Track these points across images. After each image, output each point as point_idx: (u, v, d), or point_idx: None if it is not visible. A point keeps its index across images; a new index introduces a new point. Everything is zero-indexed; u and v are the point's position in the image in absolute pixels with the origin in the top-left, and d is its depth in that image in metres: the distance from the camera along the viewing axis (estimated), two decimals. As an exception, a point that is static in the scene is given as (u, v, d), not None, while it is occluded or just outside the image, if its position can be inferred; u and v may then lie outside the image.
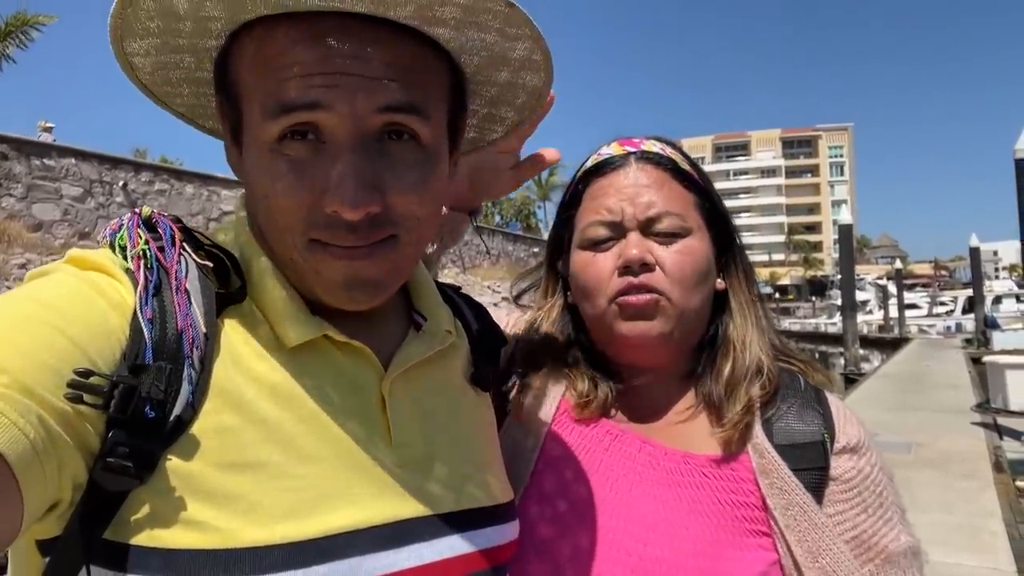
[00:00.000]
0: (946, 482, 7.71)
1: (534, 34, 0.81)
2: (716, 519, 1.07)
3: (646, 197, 1.14)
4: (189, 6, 0.74)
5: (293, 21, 0.75)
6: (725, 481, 1.09)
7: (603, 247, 1.15)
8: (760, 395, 1.13)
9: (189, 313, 0.74)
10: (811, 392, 1.17)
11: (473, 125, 1.02)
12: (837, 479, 1.09)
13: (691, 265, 1.12)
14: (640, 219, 1.13)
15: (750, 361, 1.15)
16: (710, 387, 1.16)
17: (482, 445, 0.98)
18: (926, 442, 9.73)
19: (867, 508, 1.09)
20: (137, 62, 0.84)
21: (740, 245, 1.25)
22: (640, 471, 1.13)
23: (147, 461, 0.68)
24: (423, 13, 0.75)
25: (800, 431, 1.12)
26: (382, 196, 0.76)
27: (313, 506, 0.75)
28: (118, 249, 0.78)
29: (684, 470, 1.11)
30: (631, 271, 1.11)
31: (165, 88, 0.90)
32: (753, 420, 1.12)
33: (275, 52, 0.75)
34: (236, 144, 0.84)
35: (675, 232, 1.13)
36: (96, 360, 0.67)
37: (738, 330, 1.19)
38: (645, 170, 1.17)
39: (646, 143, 1.21)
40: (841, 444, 1.11)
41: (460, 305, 1.09)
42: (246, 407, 0.75)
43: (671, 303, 1.11)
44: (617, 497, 1.11)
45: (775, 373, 1.16)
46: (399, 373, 0.87)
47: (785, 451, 1.09)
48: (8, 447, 0.59)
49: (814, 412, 1.14)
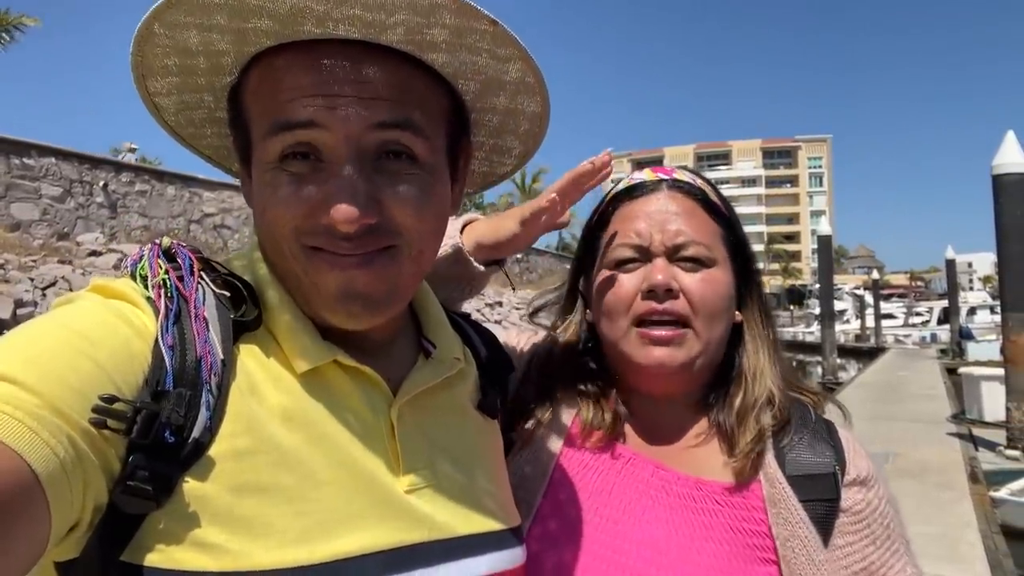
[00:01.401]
0: (924, 492, 7.81)
1: (522, 54, 0.85)
2: (727, 546, 1.08)
3: (675, 224, 1.16)
4: (200, 39, 0.79)
5: (293, 50, 0.79)
6: (737, 509, 1.11)
7: (628, 268, 1.17)
8: (771, 424, 1.15)
9: (207, 340, 0.77)
10: (821, 424, 1.19)
11: (482, 158, 1.06)
12: (847, 511, 1.11)
13: (714, 295, 1.14)
14: (668, 245, 1.15)
15: (760, 392, 1.17)
16: (722, 416, 1.18)
17: (489, 471, 0.99)
18: (903, 452, 9.85)
19: (875, 540, 1.11)
20: (161, 102, 0.89)
21: (759, 279, 1.27)
22: (653, 495, 1.14)
23: (165, 484, 0.70)
24: (413, 37, 0.79)
25: (812, 462, 1.13)
26: (379, 208, 0.80)
27: (323, 530, 0.77)
28: (139, 278, 0.80)
29: (697, 496, 1.12)
30: (655, 296, 1.12)
31: (190, 129, 0.94)
32: (765, 449, 1.13)
33: (276, 78, 0.80)
34: (248, 175, 0.88)
35: (701, 260, 1.15)
36: (120, 385, 0.70)
37: (751, 361, 1.20)
38: (676, 198, 1.19)
39: (679, 172, 1.24)
40: (851, 476, 1.13)
41: (469, 332, 1.11)
42: (260, 432, 0.77)
43: (695, 333, 1.13)
44: (630, 520, 1.11)
45: (786, 404, 1.17)
46: (408, 399, 0.89)
47: (797, 482, 1.11)
48: (40, 465, 0.61)
49: (825, 444, 1.15)
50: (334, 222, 0.77)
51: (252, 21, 0.76)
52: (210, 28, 0.77)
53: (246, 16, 0.75)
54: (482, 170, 1.10)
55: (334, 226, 0.77)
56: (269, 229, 0.83)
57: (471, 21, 0.79)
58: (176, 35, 0.78)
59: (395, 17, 0.76)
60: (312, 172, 0.79)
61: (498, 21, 0.80)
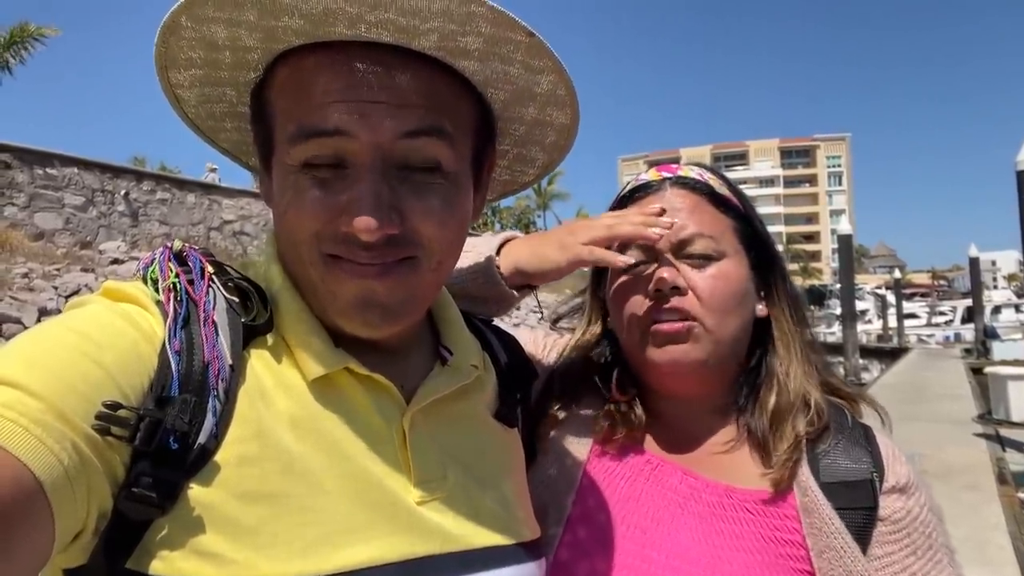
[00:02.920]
0: (950, 494, 7.68)
1: (556, 66, 0.83)
2: (759, 556, 1.04)
3: (678, 220, 1.13)
4: (227, 35, 0.77)
5: (323, 50, 0.77)
6: (769, 518, 1.07)
7: (637, 271, 1.15)
8: (808, 431, 1.10)
9: (216, 345, 0.76)
10: (859, 429, 1.14)
11: (504, 167, 1.04)
12: (885, 520, 1.06)
13: (724, 289, 1.11)
14: (672, 241, 1.12)
15: (795, 395, 1.12)
16: (754, 421, 1.13)
17: (506, 482, 0.97)
18: (929, 454, 9.70)
19: (916, 550, 1.06)
20: (182, 95, 0.87)
21: (782, 269, 1.23)
22: (682, 503, 1.11)
23: (170, 491, 0.69)
24: (446, 43, 0.77)
25: (848, 469, 1.08)
26: (402, 219, 0.78)
27: (330, 541, 0.75)
28: (150, 282, 0.79)
29: (727, 504, 1.09)
30: (662, 295, 1.10)
31: (210, 123, 0.93)
32: (801, 457, 1.09)
33: (304, 79, 0.78)
34: (268, 173, 0.86)
35: (708, 255, 1.12)
36: (126, 389, 0.69)
37: (781, 361, 1.16)
38: (680, 195, 1.16)
39: (684, 169, 1.21)
40: (890, 484, 1.08)
41: (489, 337, 1.09)
42: (268, 439, 0.76)
43: (705, 329, 1.10)
44: (659, 528, 1.09)
45: (824, 408, 1.12)
46: (420, 407, 0.87)
47: (831, 489, 1.06)
48: (44, 472, 0.61)
49: (862, 450, 1.10)
50: (355, 231, 0.76)
51: (283, 19, 0.74)
52: (239, 24, 0.76)
53: (277, 14, 0.74)
54: (503, 178, 1.08)
55: (355, 235, 0.76)
56: (288, 233, 0.81)
57: (507, 32, 0.77)
58: (203, 29, 0.77)
59: (429, 24, 0.74)
60: (336, 178, 0.78)
61: (535, 33, 0.78)
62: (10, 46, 19.00)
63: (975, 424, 12.27)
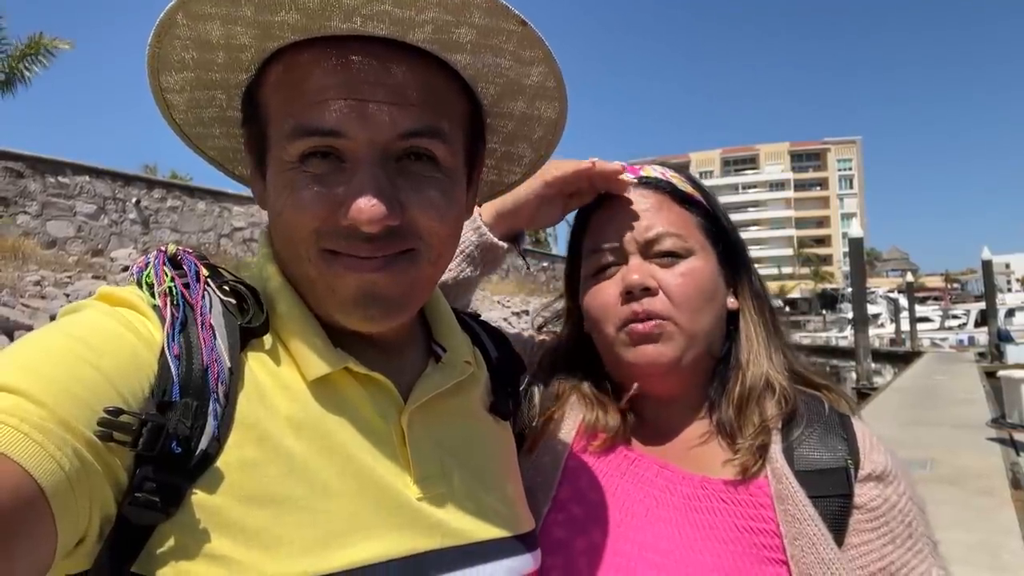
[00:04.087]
0: (964, 499, 7.61)
1: (547, 56, 0.83)
2: (733, 546, 1.05)
3: (645, 220, 1.15)
4: (222, 32, 0.77)
5: (317, 46, 0.77)
6: (743, 507, 1.07)
7: (608, 274, 1.16)
8: (775, 415, 1.11)
9: (214, 348, 0.76)
10: (835, 417, 1.15)
11: (491, 167, 1.04)
12: (861, 507, 1.06)
13: (694, 286, 1.13)
14: (639, 241, 1.14)
15: (756, 378, 1.14)
16: (722, 411, 1.15)
17: (503, 475, 0.98)
18: (942, 458, 9.62)
19: (895, 539, 1.05)
20: (172, 99, 0.87)
21: (748, 263, 1.25)
22: (657, 496, 1.12)
23: (173, 495, 0.69)
24: (440, 36, 0.78)
25: (823, 457, 1.09)
26: (401, 211, 0.78)
27: (334, 540, 0.75)
28: (145, 286, 0.79)
29: (701, 495, 1.10)
30: (633, 296, 1.11)
31: (198, 129, 0.92)
32: (770, 442, 1.10)
33: (299, 75, 0.78)
34: (261, 175, 0.86)
35: (676, 253, 1.14)
36: (126, 394, 0.69)
37: (743, 350, 1.18)
38: (644, 195, 1.18)
39: (646, 169, 1.23)
40: (866, 471, 1.08)
41: (479, 333, 1.10)
42: (269, 441, 0.76)
43: (678, 327, 1.11)
44: (633, 523, 1.10)
45: (791, 392, 1.14)
46: (418, 405, 0.88)
47: (806, 477, 1.06)
48: (45, 479, 0.60)
49: (838, 438, 1.11)
50: (357, 223, 0.76)
51: (279, 14, 0.74)
52: (235, 20, 0.76)
53: (274, 9, 0.74)
54: (490, 178, 1.08)
55: (356, 227, 0.76)
56: (286, 231, 0.81)
57: (500, 21, 0.78)
58: (198, 27, 0.77)
59: (424, 15, 0.75)
60: (333, 172, 0.78)
61: (527, 22, 0.78)
62: (23, 58, 19.19)
63: (989, 428, 12.16)
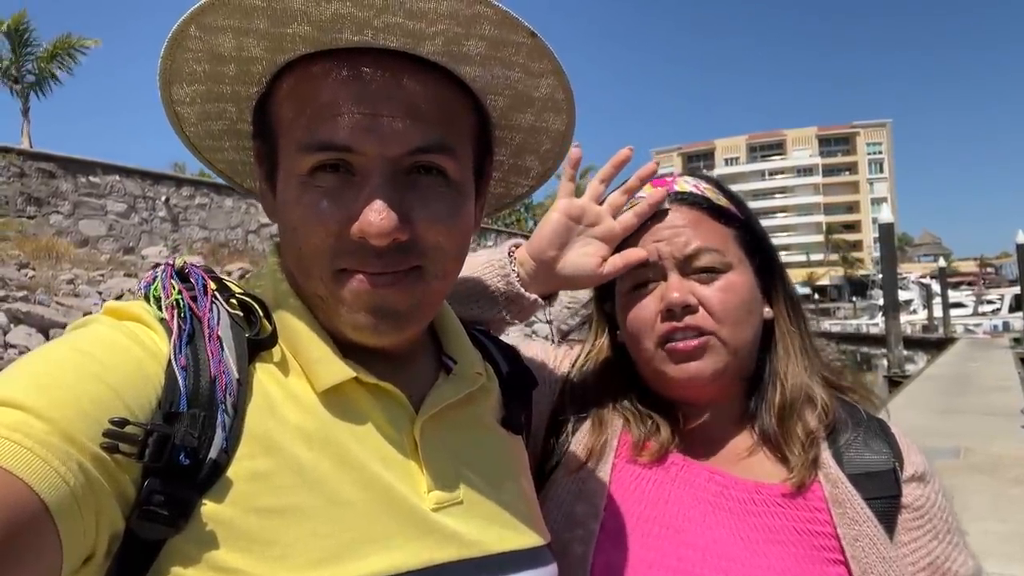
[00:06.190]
0: (997, 489, 7.48)
1: (556, 68, 0.83)
2: (794, 548, 1.06)
3: (683, 237, 1.15)
4: (234, 44, 0.77)
5: (328, 59, 0.77)
6: (800, 511, 1.09)
7: (646, 290, 1.16)
8: (818, 426, 1.13)
9: (222, 360, 0.75)
10: (874, 422, 1.19)
11: (499, 179, 1.04)
12: (908, 507, 1.11)
13: (735, 301, 1.13)
14: (678, 258, 1.14)
15: (796, 392, 1.16)
16: (764, 421, 1.17)
17: (515, 487, 0.97)
18: (975, 447, 9.45)
19: (938, 535, 1.11)
20: (183, 112, 0.87)
21: (782, 273, 1.25)
22: (712, 501, 1.12)
23: (183, 509, 0.68)
24: (450, 48, 0.77)
25: (871, 460, 1.12)
26: (410, 225, 0.78)
27: (347, 552, 0.75)
28: (152, 300, 0.79)
29: (757, 499, 1.11)
30: (674, 314, 1.11)
31: (208, 142, 0.93)
32: (819, 452, 1.12)
33: (310, 88, 0.78)
34: (271, 188, 0.86)
35: (715, 268, 1.14)
36: (133, 407, 0.68)
37: (780, 360, 1.19)
38: (680, 210, 1.18)
39: (679, 182, 1.22)
40: (909, 472, 1.13)
41: (489, 347, 1.09)
42: (280, 452, 0.76)
43: (721, 342, 1.12)
44: (692, 527, 1.10)
45: (830, 403, 1.16)
46: (430, 416, 0.87)
47: (858, 480, 1.10)
48: (50, 494, 0.60)
49: (881, 441, 1.15)
50: (367, 236, 0.76)
51: (291, 26, 0.74)
52: (247, 32, 0.76)
53: (286, 21, 0.74)
54: (498, 191, 1.07)
55: (366, 240, 0.76)
56: (298, 247, 0.81)
57: (510, 33, 0.78)
58: (211, 39, 0.77)
59: (435, 27, 0.74)
60: (343, 186, 0.78)
61: (537, 33, 0.78)
62: (53, 58, 19.52)
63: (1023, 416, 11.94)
